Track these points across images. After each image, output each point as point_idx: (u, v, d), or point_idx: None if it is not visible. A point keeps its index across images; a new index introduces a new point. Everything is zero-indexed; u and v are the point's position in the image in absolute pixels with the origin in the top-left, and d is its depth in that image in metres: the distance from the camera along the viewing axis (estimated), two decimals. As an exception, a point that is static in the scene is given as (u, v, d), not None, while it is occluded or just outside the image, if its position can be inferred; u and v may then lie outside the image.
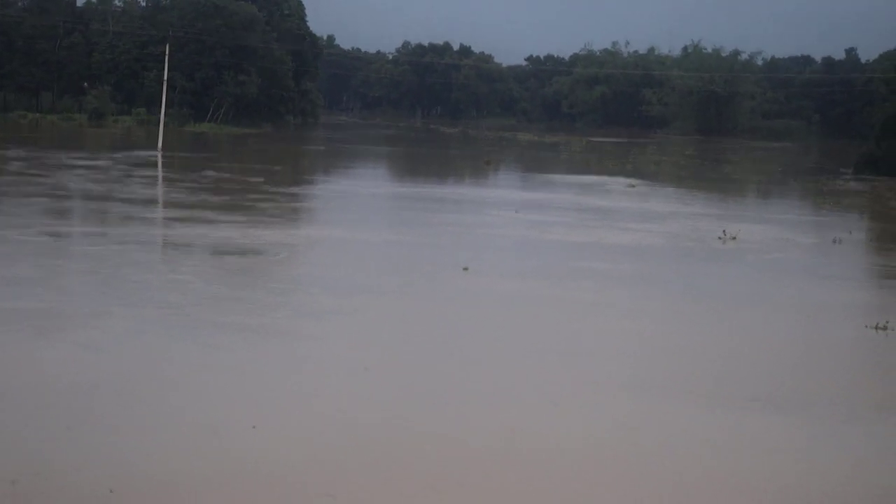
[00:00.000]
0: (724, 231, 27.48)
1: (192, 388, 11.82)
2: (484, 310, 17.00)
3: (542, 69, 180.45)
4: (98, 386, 11.66)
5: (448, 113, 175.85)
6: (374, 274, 19.79)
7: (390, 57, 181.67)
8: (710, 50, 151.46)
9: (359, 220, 28.56)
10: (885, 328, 16.31)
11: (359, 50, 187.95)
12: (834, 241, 27.58)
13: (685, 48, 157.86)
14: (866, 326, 16.53)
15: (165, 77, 61.50)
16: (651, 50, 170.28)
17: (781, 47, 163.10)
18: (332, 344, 14.14)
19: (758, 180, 56.90)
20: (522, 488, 9.23)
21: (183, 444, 9.92)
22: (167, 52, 63.98)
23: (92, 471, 9.20)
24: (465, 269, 20.40)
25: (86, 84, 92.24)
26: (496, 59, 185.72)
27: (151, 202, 31.94)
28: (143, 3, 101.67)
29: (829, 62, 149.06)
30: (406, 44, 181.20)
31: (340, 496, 8.81)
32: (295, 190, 38.03)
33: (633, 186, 45.09)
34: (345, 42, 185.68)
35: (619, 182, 47.35)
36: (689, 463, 10.09)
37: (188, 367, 12.69)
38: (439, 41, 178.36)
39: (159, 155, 52.26)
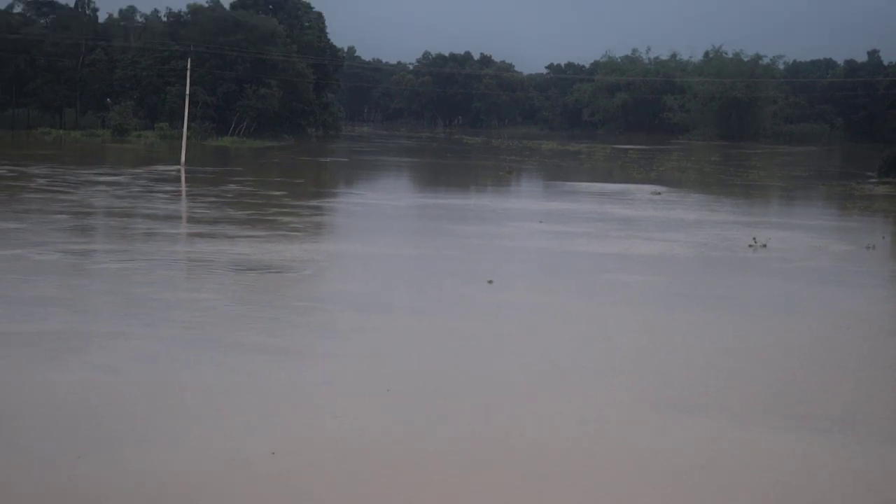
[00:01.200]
0: (754, 239, 26.94)
1: (208, 412, 11.46)
2: (509, 326, 16.56)
3: (563, 77, 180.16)
4: (112, 411, 11.36)
5: (469, 123, 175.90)
6: (397, 289, 19.46)
7: (411, 67, 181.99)
8: (731, 55, 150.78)
9: (381, 234, 28.25)
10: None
11: (379, 61, 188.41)
12: (868, 248, 26.99)
13: (706, 53, 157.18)
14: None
15: (188, 92, 61.59)
16: (672, 56, 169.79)
17: (803, 51, 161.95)
18: (352, 364, 13.75)
19: (784, 186, 56.21)
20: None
21: (199, 471, 9.59)
22: (189, 67, 64.10)
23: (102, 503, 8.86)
24: (490, 282, 20.04)
25: (108, 100, 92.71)
26: (517, 68, 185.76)
27: (174, 218, 31.79)
28: (165, 19, 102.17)
29: (851, 65, 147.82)
30: (426, 54, 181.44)
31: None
32: (317, 203, 37.81)
33: (659, 194, 44.59)
34: (365, 54, 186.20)
35: (644, 190, 46.85)
36: (730, 483, 9.65)
37: (205, 390, 12.34)
38: (460, 51, 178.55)
39: (182, 169, 52.25)
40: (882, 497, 9.58)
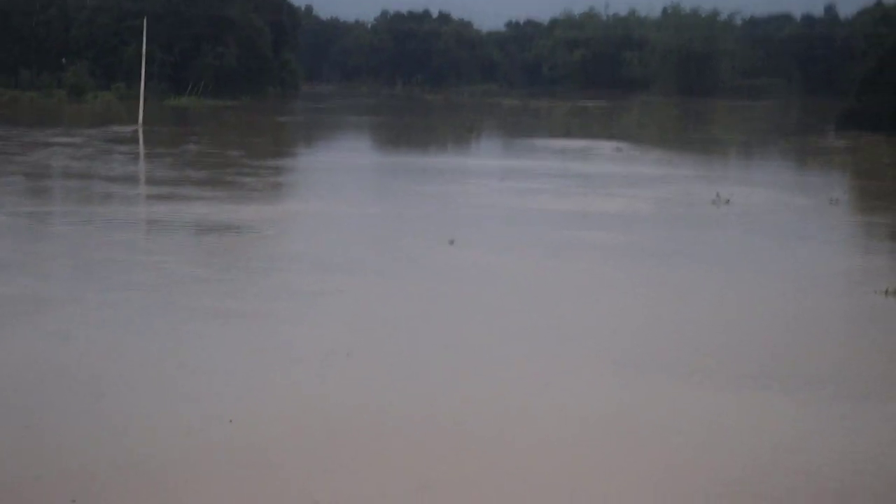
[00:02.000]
0: (717, 194, 26.94)
1: (161, 381, 11.07)
2: (472, 287, 16.27)
3: (522, 34, 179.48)
4: (58, 380, 10.95)
5: (428, 80, 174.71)
6: (357, 249, 19.17)
7: (369, 26, 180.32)
8: (688, 11, 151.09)
9: (341, 193, 27.90)
10: (895, 293, 15.81)
11: (337, 19, 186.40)
12: (831, 202, 27.09)
13: (664, 10, 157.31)
14: (875, 292, 15.98)
15: (144, 51, 60.51)
16: (631, 12, 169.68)
17: (760, 6, 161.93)
18: (312, 328, 13.42)
19: (744, 140, 56.35)
20: (515, 477, 8.71)
21: (153, 443, 9.23)
22: (145, 26, 62.93)
23: (51, 478, 8.48)
24: (451, 242, 19.85)
25: (64, 60, 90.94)
26: (476, 26, 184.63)
27: (131, 179, 31.21)
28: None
29: (808, 19, 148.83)
30: (384, 12, 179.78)
31: (322, 493, 8.27)
32: (276, 163, 37.33)
33: (620, 150, 44.48)
34: (323, 12, 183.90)
35: (606, 146, 46.75)
36: (690, 446, 9.57)
37: (158, 357, 11.92)
38: (418, 9, 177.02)
39: (140, 130, 51.40)
40: (854, 459, 9.53)
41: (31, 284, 15.37)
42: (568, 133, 59.01)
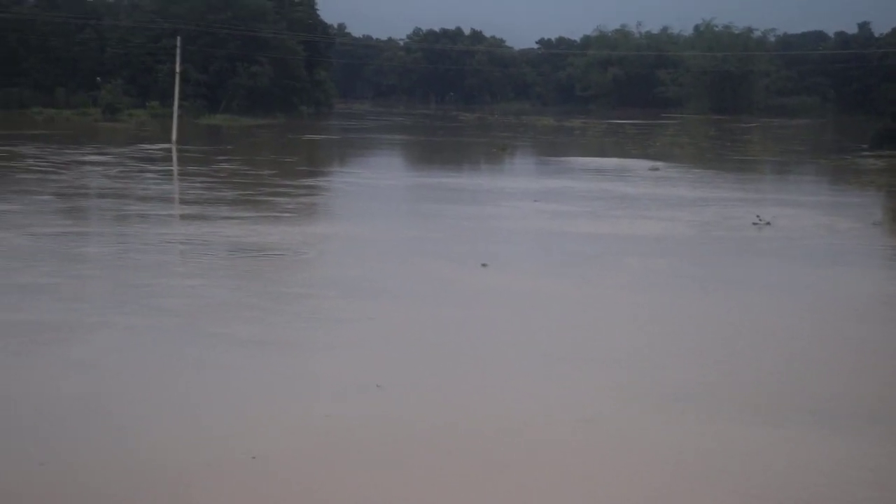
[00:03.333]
0: (758, 217, 26.30)
1: (185, 413, 10.67)
2: (504, 314, 15.76)
3: (555, 52, 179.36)
4: (78, 412, 10.59)
5: (462, 99, 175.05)
6: (388, 274, 18.77)
7: (402, 44, 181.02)
8: (721, 28, 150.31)
9: (373, 215, 27.58)
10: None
11: (370, 38, 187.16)
12: (874, 224, 26.38)
13: (697, 27, 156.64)
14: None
15: (178, 70, 60.76)
16: (663, 30, 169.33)
17: (793, 24, 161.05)
18: (341, 357, 12.99)
19: (783, 160, 55.58)
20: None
21: (173, 483, 8.81)
22: (179, 45, 63.25)
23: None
24: (484, 265, 19.45)
25: (99, 79, 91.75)
26: (508, 43, 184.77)
27: (165, 199, 31.12)
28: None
29: (842, 37, 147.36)
30: (417, 30, 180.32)
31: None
32: (309, 182, 37.14)
33: (657, 170, 43.99)
34: (356, 30, 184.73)
35: (642, 166, 46.21)
36: (726, 480, 9.04)
37: (182, 388, 11.55)
38: (451, 26, 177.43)
39: (174, 148, 51.56)
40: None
41: (61, 310, 15.10)
42: (603, 153, 58.47)
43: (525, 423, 10.60)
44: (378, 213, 28.08)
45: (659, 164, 47.32)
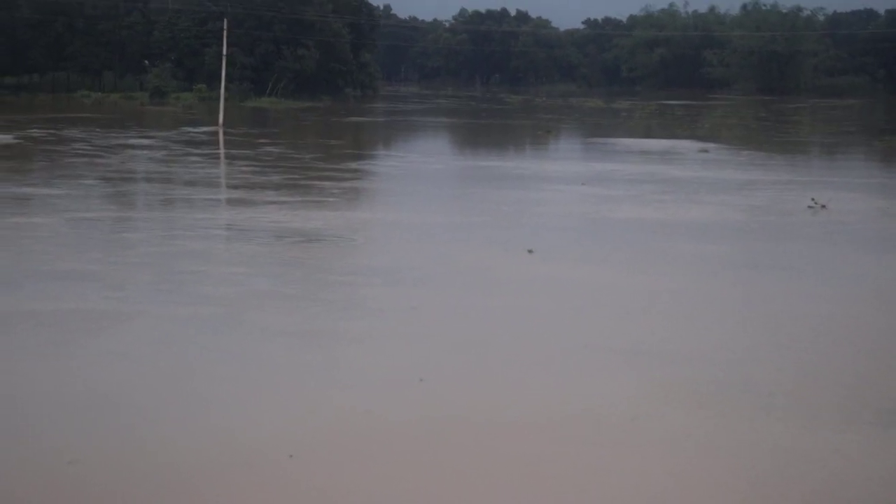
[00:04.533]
0: (813, 199, 25.56)
1: (220, 410, 10.36)
2: (551, 303, 15.28)
3: (601, 33, 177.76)
4: (112, 407, 10.36)
5: (507, 81, 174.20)
6: (432, 261, 18.41)
7: (447, 25, 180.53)
8: (769, 7, 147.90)
9: (417, 200, 27.24)
10: None
11: (416, 19, 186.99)
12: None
13: (744, 6, 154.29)
14: None
15: (224, 53, 60.90)
16: (711, 9, 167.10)
17: (843, 2, 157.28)
18: (384, 349, 12.65)
19: (835, 141, 54.35)
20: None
21: (206, 483, 8.55)
22: (226, 28, 63.36)
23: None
24: (530, 251, 19.06)
25: (146, 62, 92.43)
26: (554, 24, 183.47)
27: (211, 183, 31.08)
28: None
29: (893, 15, 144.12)
30: (463, 11, 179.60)
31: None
32: (354, 166, 36.92)
33: (706, 152, 43.20)
34: (401, 11, 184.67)
35: (691, 148, 45.41)
36: (799, 493, 8.61)
37: (219, 382, 11.24)
38: (496, 7, 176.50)
39: (220, 131, 51.69)
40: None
41: (101, 299, 14.94)
42: (651, 134, 57.66)
43: (571, 420, 10.22)
44: (422, 198, 27.76)
45: (708, 145, 46.49)
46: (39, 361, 11.92)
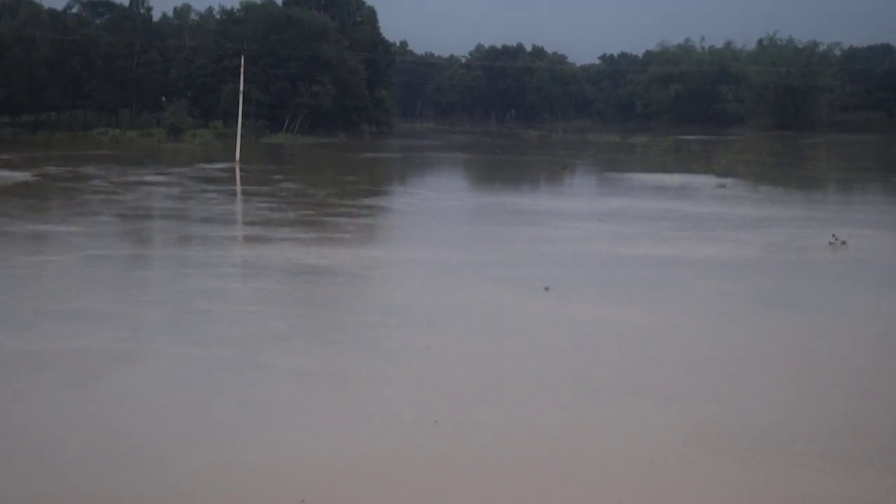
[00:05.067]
0: (833, 236, 25.27)
1: (231, 452, 10.19)
2: (569, 344, 15.08)
3: (616, 69, 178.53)
4: (118, 450, 10.20)
5: (522, 116, 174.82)
6: (447, 298, 18.23)
7: (463, 61, 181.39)
8: (785, 42, 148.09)
9: (433, 237, 27.12)
10: None
11: (432, 55, 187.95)
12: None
13: (760, 41, 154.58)
14: None
15: (241, 90, 61.28)
16: (726, 45, 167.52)
17: (858, 37, 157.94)
18: (397, 390, 12.47)
19: (853, 178, 54.04)
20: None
21: None
22: (242, 66, 63.81)
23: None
24: (546, 288, 18.89)
25: (163, 99, 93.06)
26: (569, 59, 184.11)
27: (227, 220, 31.09)
28: (218, 17, 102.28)
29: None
30: (479, 47, 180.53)
31: None
32: (369, 202, 36.88)
33: (723, 187, 42.99)
34: (418, 47, 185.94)
35: (708, 183, 45.23)
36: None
37: (230, 424, 11.07)
38: (512, 42, 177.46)
39: (237, 168, 51.86)
40: None
41: (114, 338, 14.84)
42: (667, 170, 57.48)
43: (589, 464, 10.01)
44: (437, 235, 27.64)
45: (725, 181, 46.30)
46: (46, 403, 11.79)
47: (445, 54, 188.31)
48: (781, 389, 12.73)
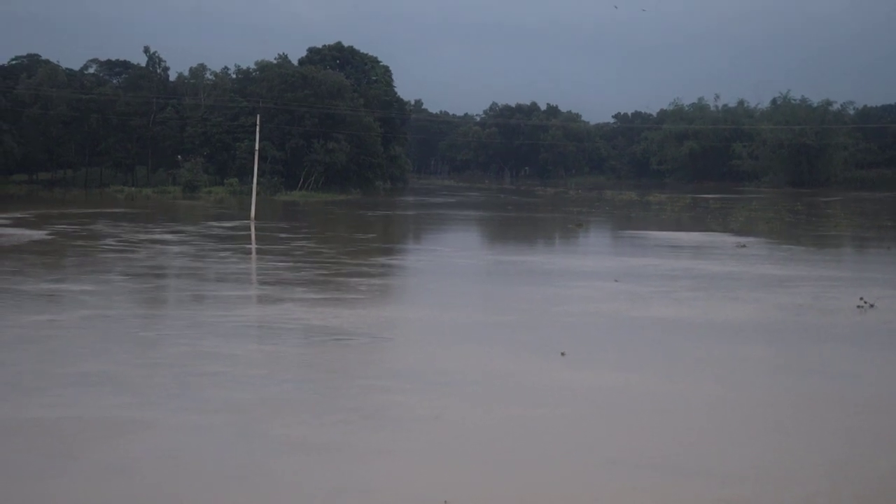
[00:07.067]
0: (862, 299, 24.56)
1: None
2: (586, 414, 14.42)
3: (630, 127, 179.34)
4: None
5: (536, 173, 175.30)
6: (460, 363, 17.56)
7: (478, 119, 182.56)
8: (798, 101, 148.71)
9: (447, 297, 26.51)
10: None
11: (446, 113, 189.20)
12: None
13: (774, 100, 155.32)
14: None
15: (257, 147, 61.41)
16: (740, 103, 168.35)
17: (872, 96, 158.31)
18: (404, 465, 11.85)
19: (875, 236, 53.36)
20: None
21: None
22: (258, 123, 64.02)
23: None
24: (563, 354, 18.29)
25: (179, 157, 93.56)
26: (583, 117, 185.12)
27: (241, 280, 30.66)
28: (234, 76, 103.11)
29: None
30: (493, 105, 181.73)
31: None
32: (383, 261, 36.43)
33: (744, 247, 42.36)
34: (432, 105, 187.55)
35: (727, 241, 44.62)
36: None
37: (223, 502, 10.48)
38: (526, 101, 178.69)
39: (252, 225, 51.64)
40: None
41: (116, 404, 14.30)
42: (685, 227, 56.96)
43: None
44: (450, 295, 27.06)
45: (746, 240, 45.71)
46: (23, 478, 11.18)
47: (460, 113, 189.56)
48: (803, 465, 12.05)
